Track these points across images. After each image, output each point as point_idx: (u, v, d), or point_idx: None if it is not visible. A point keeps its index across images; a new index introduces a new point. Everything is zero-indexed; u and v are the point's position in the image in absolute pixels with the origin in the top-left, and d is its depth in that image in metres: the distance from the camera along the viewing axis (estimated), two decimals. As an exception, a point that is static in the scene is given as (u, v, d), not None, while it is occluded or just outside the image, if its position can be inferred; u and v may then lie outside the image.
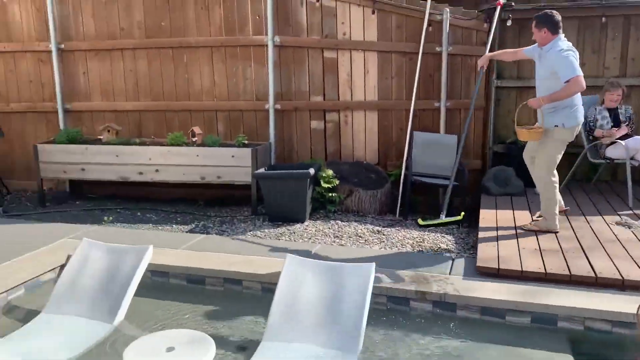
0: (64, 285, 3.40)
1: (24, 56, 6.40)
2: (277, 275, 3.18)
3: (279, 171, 5.31)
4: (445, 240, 4.53)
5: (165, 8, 5.98)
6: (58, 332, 3.10)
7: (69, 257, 3.73)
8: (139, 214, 5.60)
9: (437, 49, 5.57)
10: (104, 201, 6.08)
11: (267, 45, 5.80)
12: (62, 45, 6.23)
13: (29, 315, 3.35)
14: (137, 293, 3.33)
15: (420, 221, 4.97)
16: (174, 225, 5.17)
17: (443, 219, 4.93)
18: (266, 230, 4.87)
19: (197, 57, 6.02)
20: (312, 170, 5.13)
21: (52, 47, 6.20)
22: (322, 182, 5.31)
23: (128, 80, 6.22)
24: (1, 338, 3.02)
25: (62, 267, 3.75)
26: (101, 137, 6.00)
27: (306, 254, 4.03)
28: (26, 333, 3.11)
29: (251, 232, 4.83)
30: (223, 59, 5.97)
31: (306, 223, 5.09)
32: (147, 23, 6.05)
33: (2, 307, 3.43)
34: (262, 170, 5.36)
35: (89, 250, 3.55)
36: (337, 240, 4.58)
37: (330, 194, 5.35)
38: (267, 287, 3.55)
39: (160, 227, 5.10)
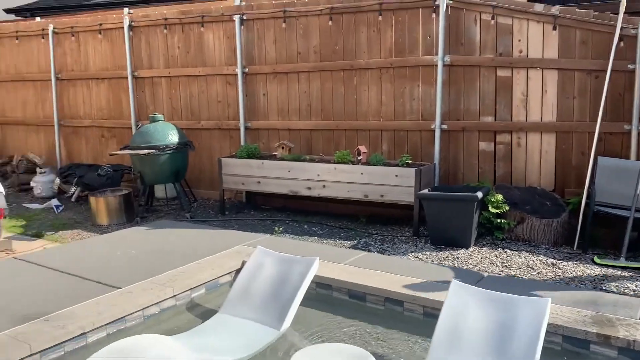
0: (238, 288, 3.67)
1: (214, 79, 7.15)
2: (439, 300, 3.08)
3: (444, 193, 5.18)
4: (633, 280, 4.00)
5: (339, 33, 6.25)
6: (231, 332, 3.35)
7: (243, 263, 4.02)
8: (305, 226, 5.86)
9: (630, 66, 5.01)
10: (275, 213, 6.49)
11: (436, 65, 5.74)
12: (247, 69, 6.84)
13: (207, 313, 3.67)
14: (302, 303, 3.47)
15: (596, 259, 4.46)
16: (337, 240, 5.31)
17: (623, 262, 4.36)
18: (428, 253, 4.77)
19: (367, 78, 6.17)
20: (479, 194, 4.92)
21: (238, 70, 6.84)
22: (490, 207, 5.06)
23: (302, 100, 6.60)
24: (184, 332, 3.35)
25: (238, 271, 4.05)
26: (276, 153, 6.43)
27: (471, 281, 3.85)
28: (204, 329, 3.40)
29: (412, 254, 4.76)
30: (391, 79, 6.04)
31: (471, 249, 4.88)
32: (322, 47, 6.37)
33: (186, 304, 3.81)
34: (425, 191, 5.28)
35: (262, 257, 3.80)
36: (506, 270, 4.30)
37: (498, 220, 5.07)
38: (429, 311, 3.45)
39: (324, 241, 5.28)
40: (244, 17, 6.75)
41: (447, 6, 5.64)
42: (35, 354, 2.93)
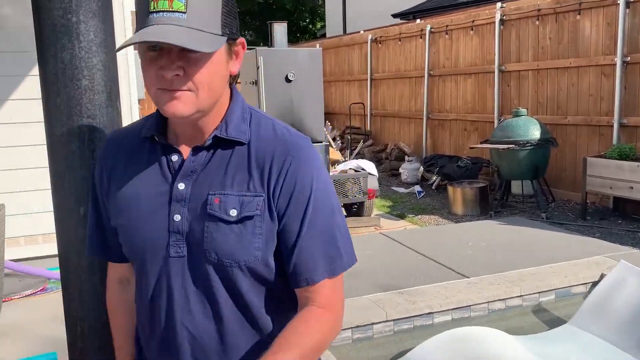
0: (593, 302, 3.33)
1: (586, 71, 6.54)
2: None
3: None
4: None
5: None
6: (581, 348, 3.07)
7: (602, 276, 3.62)
8: (689, 247, 4.86)
9: None
10: (649, 225, 5.58)
11: None
12: (628, 58, 6.01)
13: (554, 321, 3.45)
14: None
15: None
16: None
17: None
18: None
19: None
20: None
21: (618, 60, 6.07)
22: None
23: (701, 93, 5.43)
24: (528, 335, 3.24)
25: (594, 284, 3.67)
26: (657, 155, 5.50)
27: None
28: (550, 337, 3.22)
29: None
30: None
31: None
32: None
33: (532, 307, 3.66)
34: None
35: (625, 273, 3.34)
36: None
37: None
38: None
39: None
40: (632, -2, 5.94)
41: None
42: (389, 321, 3.30)
